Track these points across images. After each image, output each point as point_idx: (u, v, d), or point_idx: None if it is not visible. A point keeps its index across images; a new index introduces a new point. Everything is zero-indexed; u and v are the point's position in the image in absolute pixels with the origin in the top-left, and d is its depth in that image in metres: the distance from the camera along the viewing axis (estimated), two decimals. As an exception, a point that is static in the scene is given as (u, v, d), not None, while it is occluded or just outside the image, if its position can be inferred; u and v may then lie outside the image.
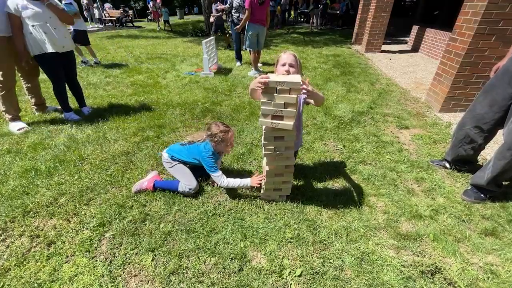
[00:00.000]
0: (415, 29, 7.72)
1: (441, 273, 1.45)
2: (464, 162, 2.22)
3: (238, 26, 5.12)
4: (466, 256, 1.54)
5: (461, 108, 3.38)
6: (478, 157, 2.29)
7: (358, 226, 1.74)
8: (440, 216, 1.82)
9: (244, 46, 5.08)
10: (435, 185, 2.13)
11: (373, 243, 1.63)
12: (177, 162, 2.00)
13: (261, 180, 1.87)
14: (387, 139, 2.84)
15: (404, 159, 2.48)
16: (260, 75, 5.04)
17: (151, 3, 14.17)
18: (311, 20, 14.09)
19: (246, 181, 1.86)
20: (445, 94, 3.36)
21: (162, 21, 13.75)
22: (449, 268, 1.47)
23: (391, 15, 6.94)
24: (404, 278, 1.41)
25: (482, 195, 1.92)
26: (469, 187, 2.02)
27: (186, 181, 1.93)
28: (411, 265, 1.49)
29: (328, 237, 1.66)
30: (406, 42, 8.55)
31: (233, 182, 1.86)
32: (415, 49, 7.54)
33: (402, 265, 1.48)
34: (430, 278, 1.42)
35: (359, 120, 3.26)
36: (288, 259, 1.53)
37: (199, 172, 2.09)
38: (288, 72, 1.65)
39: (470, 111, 2.07)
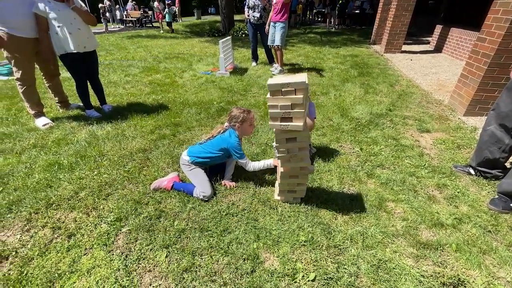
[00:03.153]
0: (438, 28, 7.41)
1: (464, 286, 1.37)
2: (491, 167, 2.10)
3: (267, 27, 5.12)
4: (492, 270, 1.45)
5: (488, 112, 3.19)
6: (507, 164, 2.15)
7: (375, 232, 1.69)
8: (463, 226, 1.73)
9: (279, 44, 4.97)
10: (458, 192, 2.03)
11: (391, 250, 1.57)
12: (196, 167, 2.02)
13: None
14: (406, 142, 2.74)
15: (425, 164, 2.37)
16: (283, 73, 5.09)
17: (155, 4, 13.82)
18: (328, 20, 13.89)
19: (269, 162, 1.98)
20: (470, 96, 3.20)
21: (165, 22, 13.26)
22: (473, 281, 1.39)
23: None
24: (424, 289, 1.35)
25: (511, 204, 1.81)
26: (496, 196, 1.91)
27: (202, 188, 1.93)
28: (431, 275, 1.42)
29: (343, 242, 1.62)
30: (428, 42, 8.23)
31: (257, 165, 1.98)
32: (438, 49, 7.24)
33: (421, 275, 1.42)
34: (452, 291, 1.35)
35: (377, 122, 3.17)
36: (302, 262, 1.50)
37: (215, 172, 2.12)
38: None
39: (494, 110, 2.00)
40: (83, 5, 2.92)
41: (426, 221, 1.77)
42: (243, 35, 10.75)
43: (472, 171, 2.21)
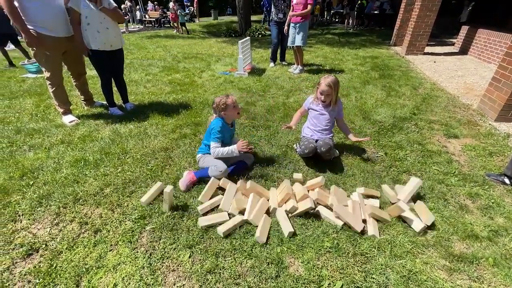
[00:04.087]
0: (464, 29, 7.11)
1: (504, 304, 1.29)
2: None
3: (286, 27, 5.13)
4: (535, 288, 1.36)
5: (523, 118, 3.02)
6: None
7: (403, 241, 1.62)
8: (500, 239, 1.63)
9: (301, 45, 5.00)
10: (492, 202, 1.92)
11: (421, 261, 1.50)
12: (208, 155, 2.17)
13: (246, 146, 2.00)
14: (433, 148, 2.63)
15: (454, 171, 2.26)
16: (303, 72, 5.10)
17: (171, 5, 13.17)
18: (346, 21, 13.65)
19: (232, 148, 2.03)
20: (503, 101, 3.03)
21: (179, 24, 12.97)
22: (514, 299, 1.30)
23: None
24: (459, 305, 1.28)
25: None
26: None
27: (214, 163, 2.06)
28: (467, 290, 1.34)
29: (370, 250, 1.56)
30: (452, 44, 7.91)
31: (222, 150, 2.05)
32: (463, 51, 6.94)
33: (456, 290, 1.34)
34: (490, 308, 1.27)
35: (401, 126, 3.06)
36: (327, 269, 1.46)
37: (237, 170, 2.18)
38: (324, 102, 2.29)
39: None
40: (112, 2, 2.98)
41: (459, 232, 1.68)
42: (260, 36, 10.75)
43: (507, 181, 2.08)
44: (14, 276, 1.44)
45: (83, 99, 3.56)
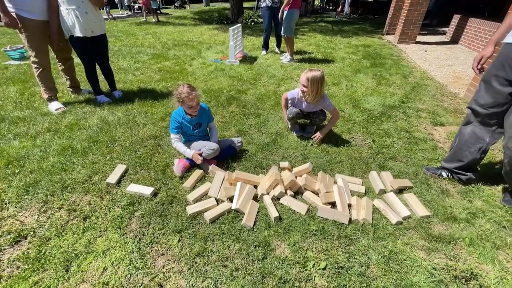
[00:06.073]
0: (456, 18, 7.11)
1: (477, 280, 1.36)
2: (467, 169, 1.96)
3: (280, 14, 4.92)
4: (506, 265, 1.44)
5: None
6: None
7: (386, 224, 1.68)
8: (477, 220, 1.70)
9: (284, 34, 4.91)
10: (472, 187, 1.99)
11: (402, 242, 1.56)
12: (191, 142, 2.20)
13: (201, 159, 2.05)
14: (420, 135, 2.69)
15: (438, 158, 2.33)
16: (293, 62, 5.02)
17: None
18: (339, 9, 13.49)
19: (187, 152, 2.08)
20: (488, 90, 3.08)
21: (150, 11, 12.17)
22: (486, 276, 1.38)
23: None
24: (435, 281, 1.35)
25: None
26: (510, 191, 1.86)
27: (206, 144, 2.11)
28: (443, 268, 1.42)
29: (354, 233, 1.62)
30: (444, 33, 7.93)
31: (179, 147, 2.12)
32: (454, 40, 6.98)
33: (433, 268, 1.41)
34: (464, 284, 1.34)
35: (390, 114, 3.10)
36: (312, 251, 1.51)
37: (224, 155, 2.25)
38: (303, 92, 2.29)
39: (472, 106, 1.84)
40: None
41: (439, 214, 1.75)
42: (252, 23, 10.56)
43: (444, 174, 2.07)
44: (3, 262, 1.45)
45: (69, 86, 3.47)
